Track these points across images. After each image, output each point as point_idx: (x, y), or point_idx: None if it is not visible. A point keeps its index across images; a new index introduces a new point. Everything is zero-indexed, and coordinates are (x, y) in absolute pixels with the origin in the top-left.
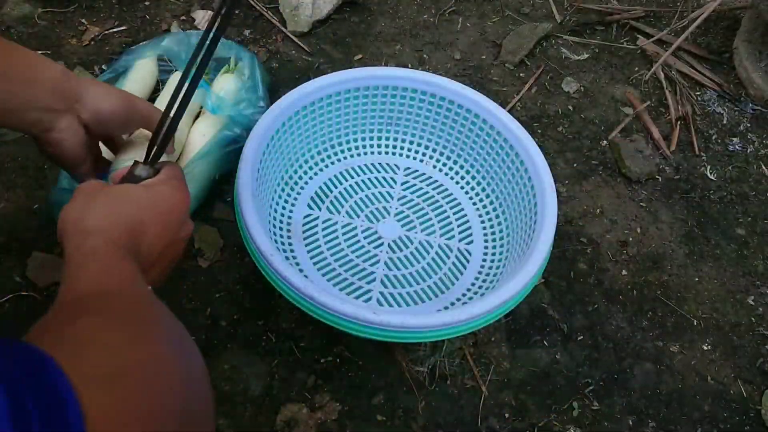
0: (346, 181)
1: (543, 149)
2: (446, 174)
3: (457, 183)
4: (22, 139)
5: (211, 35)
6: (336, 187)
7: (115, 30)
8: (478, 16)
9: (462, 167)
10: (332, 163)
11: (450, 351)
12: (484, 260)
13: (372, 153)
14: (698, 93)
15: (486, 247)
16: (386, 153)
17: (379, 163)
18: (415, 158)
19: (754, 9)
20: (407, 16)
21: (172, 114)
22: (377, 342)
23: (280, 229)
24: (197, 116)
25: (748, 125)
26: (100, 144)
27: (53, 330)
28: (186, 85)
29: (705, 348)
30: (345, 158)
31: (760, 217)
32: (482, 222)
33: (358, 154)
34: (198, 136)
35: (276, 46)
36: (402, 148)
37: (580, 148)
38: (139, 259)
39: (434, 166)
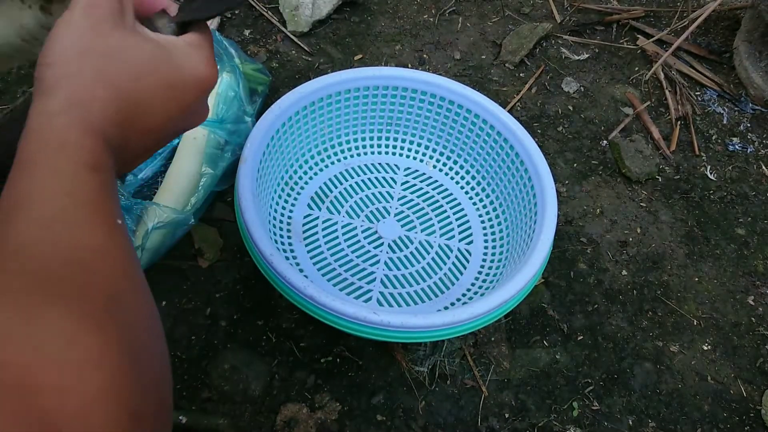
0: (346, 181)
1: (543, 149)
2: (446, 174)
3: (457, 183)
4: None
5: None
6: (336, 187)
7: None
8: (478, 16)
9: (462, 167)
10: (332, 163)
11: (450, 351)
12: (484, 260)
13: (372, 153)
14: (698, 93)
15: (486, 247)
16: (386, 153)
17: (379, 163)
18: (415, 158)
19: (754, 9)
20: (407, 16)
21: None
22: (377, 342)
23: (280, 229)
24: None
25: (748, 125)
26: None
27: None
28: None
29: (705, 348)
30: (345, 158)
31: (760, 217)
32: (482, 222)
33: (358, 154)
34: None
35: (276, 46)
36: (402, 148)
37: (580, 148)
38: (122, 154)
39: (434, 166)
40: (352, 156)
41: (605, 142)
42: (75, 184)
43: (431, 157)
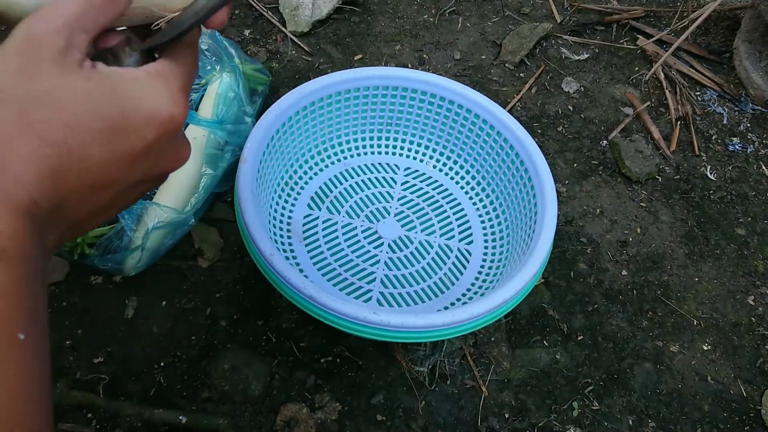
0: (346, 181)
1: (543, 149)
2: (446, 174)
3: (457, 183)
4: None
5: None
6: (336, 187)
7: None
8: (478, 16)
9: (462, 167)
10: (332, 163)
11: (450, 351)
12: (484, 260)
13: (372, 153)
14: (698, 93)
15: (486, 247)
16: (386, 153)
17: (379, 163)
18: (415, 158)
19: (754, 9)
20: (407, 16)
21: None
22: (377, 342)
23: (280, 229)
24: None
25: (748, 125)
26: None
27: None
28: None
29: (705, 348)
30: (345, 158)
31: (760, 217)
32: (482, 222)
33: (358, 154)
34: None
35: (276, 46)
36: (402, 148)
37: (580, 148)
38: (64, 217)
39: (434, 166)
40: (352, 156)
41: (605, 142)
42: None
43: (431, 157)
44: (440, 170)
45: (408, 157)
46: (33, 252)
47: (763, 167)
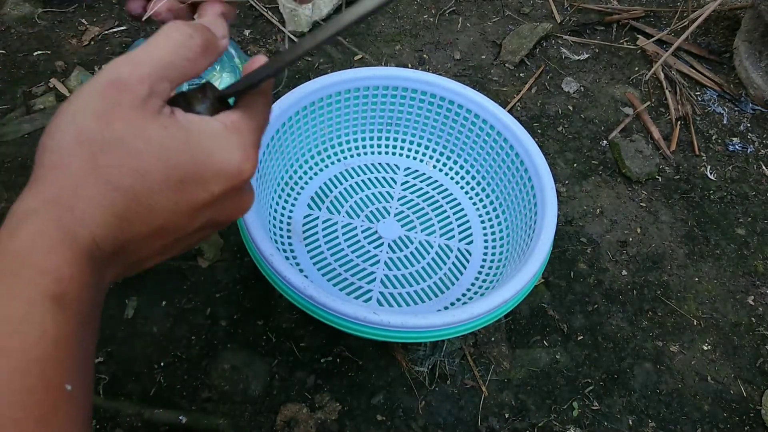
0: (346, 181)
1: (543, 149)
2: (446, 174)
3: (457, 183)
4: (22, 139)
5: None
6: (336, 187)
7: (115, 30)
8: (478, 16)
9: (462, 167)
10: (332, 163)
11: (450, 351)
12: (484, 260)
13: (372, 153)
14: (698, 93)
15: (486, 247)
16: (386, 153)
17: (379, 163)
18: (415, 158)
19: (754, 9)
20: (407, 16)
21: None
22: (377, 342)
23: (280, 229)
24: None
25: (748, 125)
26: None
27: None
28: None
29: (705, 348)
30: (345, 158)
31: (760, 217)
32: (482, 222)
33: (358, 154)
34: None
35: (276, 46)
36: (402, 148)
37: (580, 148)
38: (122, 259)
39: (434, 166)
40: (352, 156)
41: (605, 142)
42: (21, 329)
43: (431, 157)
44: (440, 170)
45: (408, 157)
46: (90, 296)
47: (763, 167)
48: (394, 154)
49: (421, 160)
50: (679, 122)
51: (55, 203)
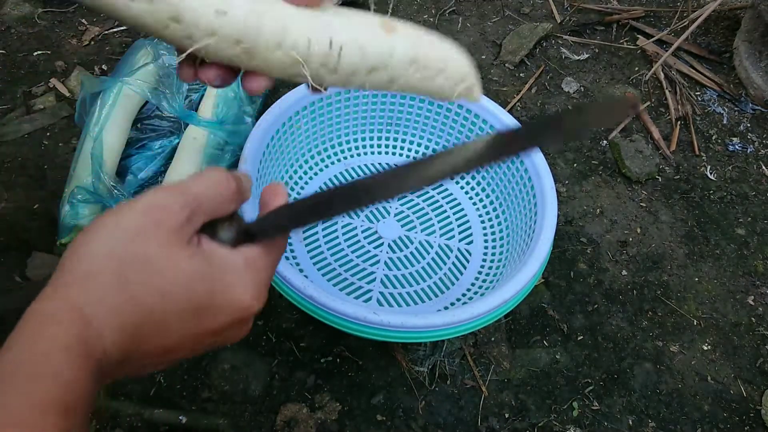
0: (346, 181)
1: (543, 149)
2: None
3: (457, 183)
4: (22, 139)
5: None
6: None
7: (115, 30)
8: (478, 16)
9: None
10: (332, 163)
11: (450, 351)
12: (484, 260)
13: (372, 153)
14: (698, 93)
15: (486, 247)
16: (386, 153)
17: (379, 163)
18: (415, 158)
19: (754, 9)
20: (407, 16)
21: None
22: (377, 342)
23: None
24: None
25: (748, 125)
26: None
27: None
28: None
29: (705, 348)
30: (345, 158)
31: (760, 217)
32: (482, 222)
33: (358, 154)
34: (190, 140)
35: None
36: (402, 148)
37: (580, 148)
38: (123, 368)
39: None
40: (352, 156)
41: (605, 142)
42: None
43: None
44: None
45: (408, 157)
46: (91, 400)
47: (763, 167)
48: (394, 154)
49: None
50: (679, 122)
51: (79, 314)
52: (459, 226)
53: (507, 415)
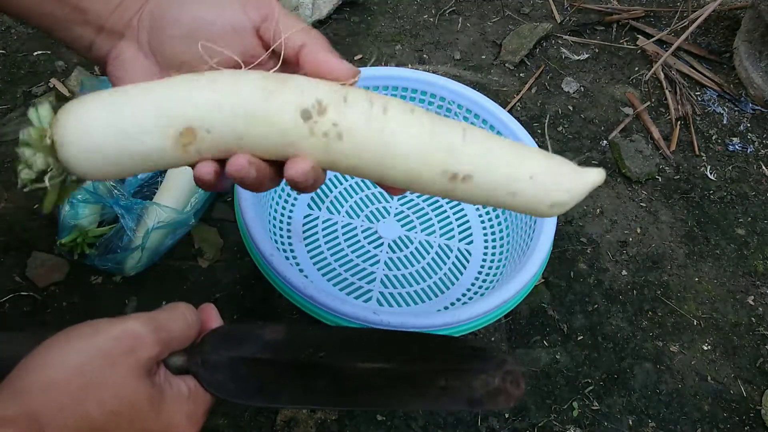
0: (346, 181)
1: (543, 149)
2: None
3: None
4: None
5: None
6: (336, 187)
7: None
8: (478, 16)
9: None
10: None
11: None
12: (484, 260)
13: None
14: (698, 93)
15: (486, 247)
16: None
17: None
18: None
19: (754, 9)
20: (407, 16)
21: None
22: None
23: (280, 229)
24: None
25: (748, 125)
26: None
27: None
28: None
29: (705, 348)
30: None
31: (760, 217)
32: (482, 222)
33: None
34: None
35: None
36: None
37: (580, 148)
38: None
39: None
40: None
41: (605, 142)
42: None
43: None
44: None
45: None
46: None
47: (763, 167)
48: None
49: None
50: (679, 122)
51: (35, 420)
52: (459, 226)
53: (507, 415)
